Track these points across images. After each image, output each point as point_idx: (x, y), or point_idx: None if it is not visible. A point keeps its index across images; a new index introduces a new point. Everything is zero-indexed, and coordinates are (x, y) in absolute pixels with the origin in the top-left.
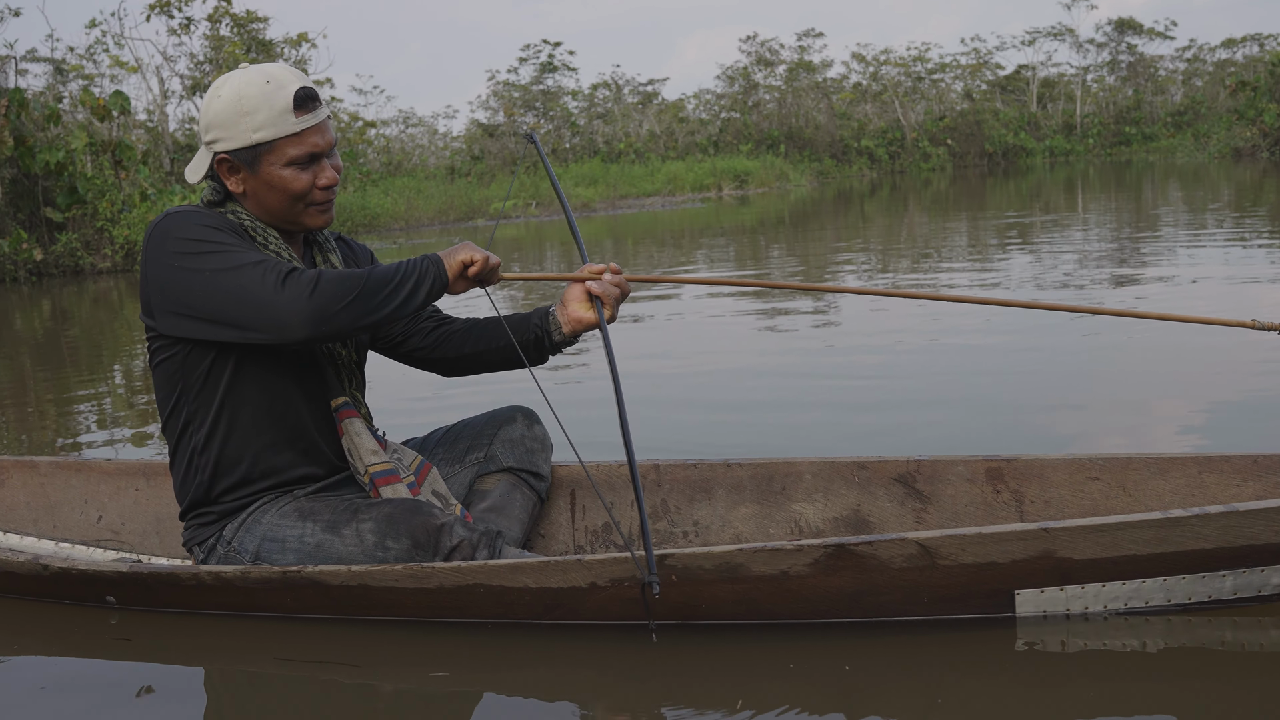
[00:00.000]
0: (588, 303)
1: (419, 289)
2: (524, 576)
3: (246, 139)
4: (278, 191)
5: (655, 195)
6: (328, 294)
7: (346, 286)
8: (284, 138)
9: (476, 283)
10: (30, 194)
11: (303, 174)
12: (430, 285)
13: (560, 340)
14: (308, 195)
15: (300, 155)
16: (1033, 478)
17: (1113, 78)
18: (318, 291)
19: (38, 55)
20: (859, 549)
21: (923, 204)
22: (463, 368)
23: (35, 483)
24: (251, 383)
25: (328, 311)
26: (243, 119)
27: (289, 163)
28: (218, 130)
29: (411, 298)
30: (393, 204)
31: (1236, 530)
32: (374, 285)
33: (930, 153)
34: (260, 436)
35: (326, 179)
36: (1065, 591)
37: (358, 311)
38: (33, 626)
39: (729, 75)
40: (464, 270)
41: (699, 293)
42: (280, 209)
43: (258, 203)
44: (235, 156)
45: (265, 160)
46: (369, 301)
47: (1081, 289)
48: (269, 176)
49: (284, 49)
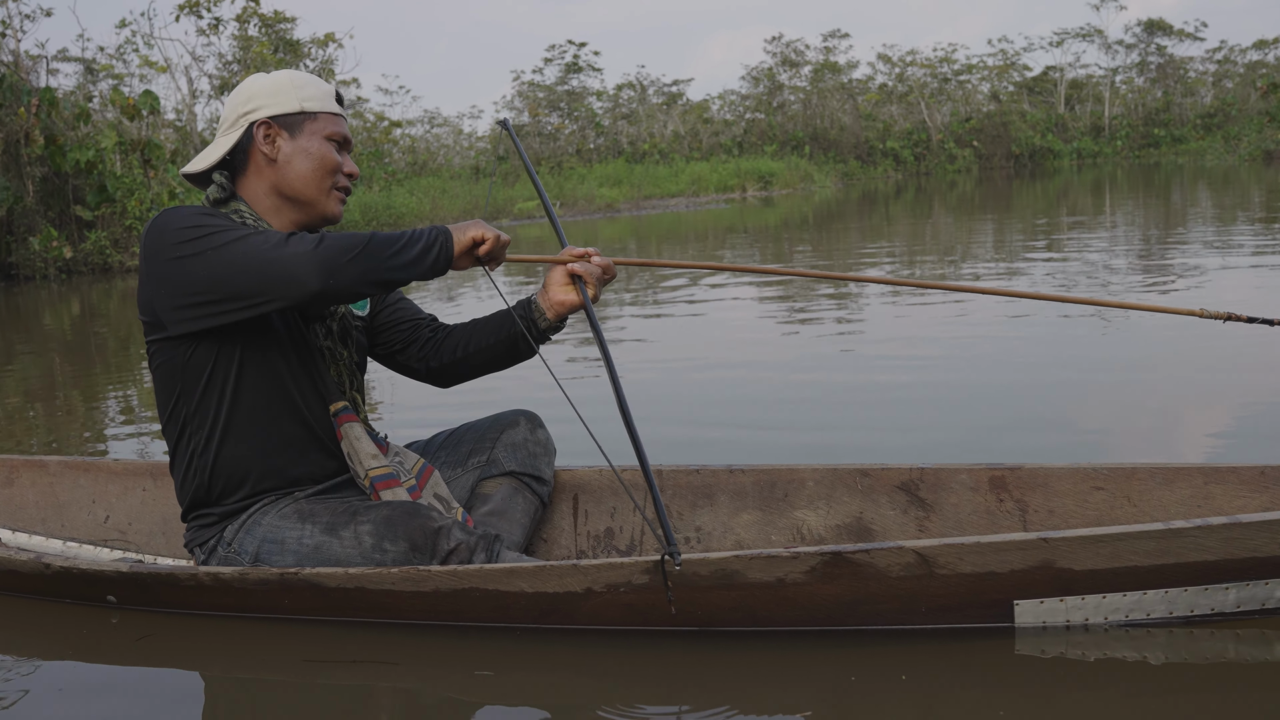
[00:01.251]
0: (569, 285)
1: (426, 255)
2: (520, 581)
3: (296, 105)
4: (314, 160)
5: (679, 196)
6: (334, 248)
7: (352, 241)
8: (328, 114)
9: (482, 261)
10: (60, 192)
11: (336, 153)
12: (437, 254)
13: (546, 326)
14: (336, 175)
15: (336, 134)
16: (1036, 487)
17: (1142, 79)
18: (324, 245)
19: (69, 55)
20: (856, 557)
21: (948, 206)
22: (459, 373)
23: (44, 482)
24: (252, 384)
25: (336, 263)
26: (294, 89)
27: (329, 136)
28: (263, 98)
29: (418, 262)
30: (418, 203)
31: (1240, 542)
32: (380, 244)
33: (956, 154)
34: (260, 438)
35: (351, 168)
36: (1065, 602)
37: (364, 266)
38: (37, 625)
39: (754, 76)
40: (473, 247)
41: (720, 296)
42: (309, 179)
43: (284, 172)
44: (279, 121)
45: (308, 127)
46: (375, 258)
47: (1106, 288)
48: (308, 144)
49: (311, 49)
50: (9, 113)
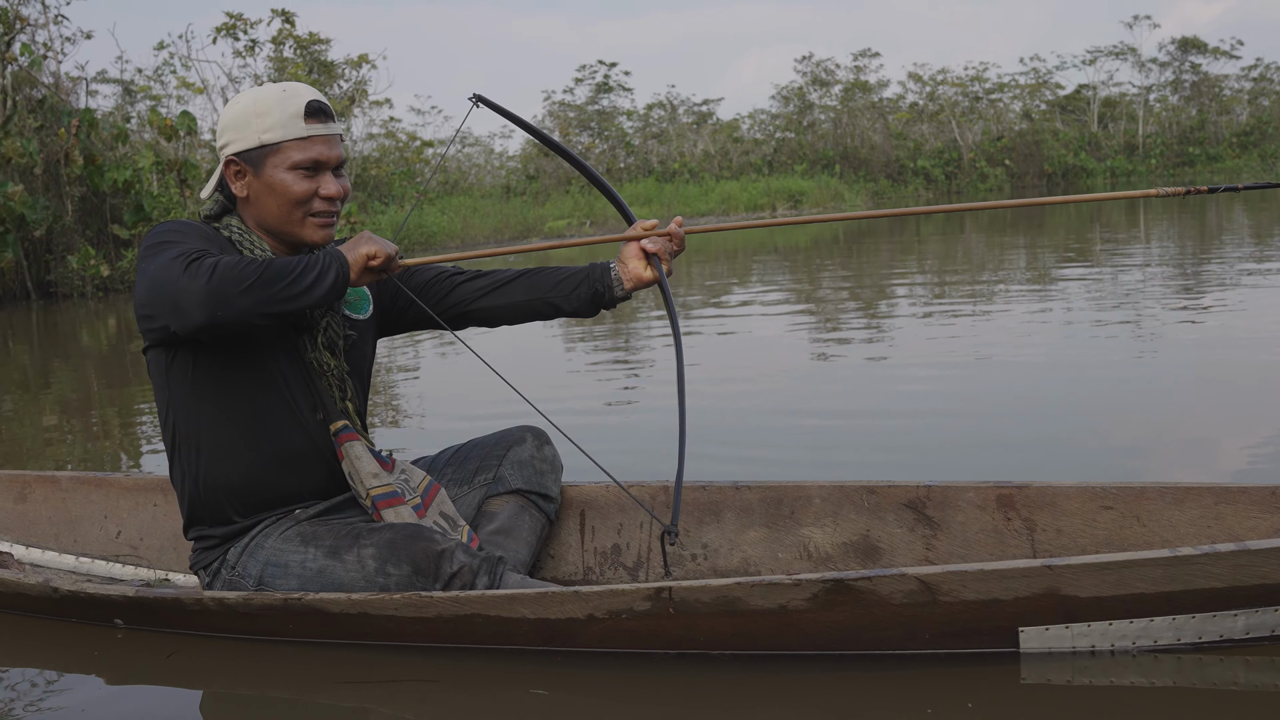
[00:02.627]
0: (645, 260)
1: (320, 281)
2: (521, 608)
3: (255, 139)
4: (278, 194)
5: (709, 215)
6: (226, 278)
7: (245, 272)
8: (290, 140)
9: (379, 273)
10: (98, 211)
11: (305, 180)
12: (333, 279)
13: (621, 296)
14: (308, 203)
15: (304, 160)
16: (1044, 506)
17: (1176, 97)
18: (216, 275)
19: (107, 76)
20: (858, 584)
21: (979, 224)
22: (508, 315)
23: (57, 498)
24: (243, 395)
25: (225, 294)
26: (255, 120)
27: (293, 166)
28: (230, 133)
29: (313, 289)
30: (449, 222)
31: (1249, 569)
32: (274, 273)
33: (987, 173)
34: (252, 452)
35: (331, 190)
36: (1071, 629)
37: (256, 298)
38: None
39: (784, 95)
40: (366, 262)
41: (751, 312)
42: (279, 215)
43: (258, 209)
44: (242, 158)
45: (269, 161)
46: (268, 289)
47: (1141, 308)
48: (271, 179)
49: (345, 70)
50: (50, 133)
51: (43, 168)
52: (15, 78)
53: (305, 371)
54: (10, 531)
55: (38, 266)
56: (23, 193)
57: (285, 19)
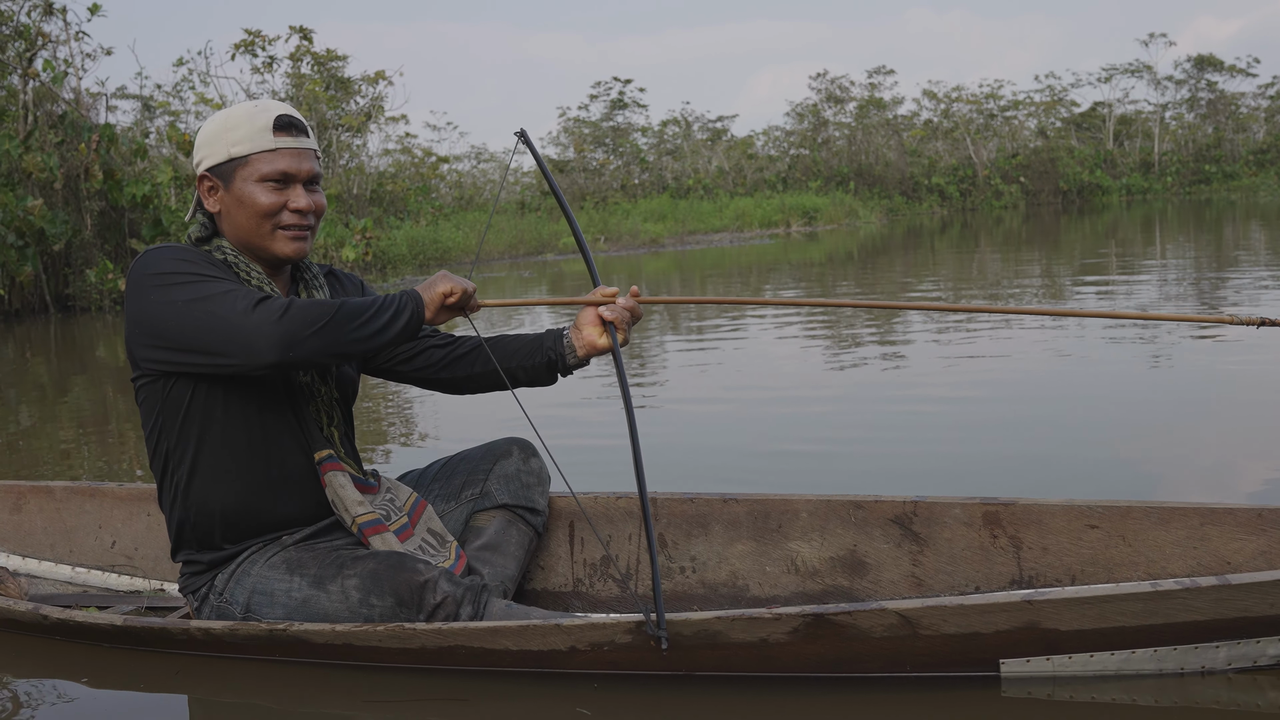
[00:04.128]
0: (601, 327)
1: (395, 322)
2: (504, 639)
3: (225, 153)
4: (246, 207)
5: (723, 231)
6: (297, 319)
7: (317, 313)
8: (258, 153)
9: (457, 311)
10: (117, 226)
11: (274, 193)
12: (408, 319)
13: (574, 363)
14: (277, 216)
15: (272, 173)
16: (1031, 523)
17: (1192, 115)
18: (287, 316)
19: (127, 92)
20: (838, 619)
21: (994, 241)
22: (469, 387)
23: (51, 508)
24: (232, 423)
25: (297, 336)
26: (225, 134)
27: (261, 178)
28: (203, 150)
29: (386, 329)
30: (464, 238)
31: (1230, 603)
32: (346, 315)
33: (1003, 190)
34: (242, 479)
35: (300, 203)
36: (1052, 661)
37: (328, 339)
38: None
39: (798, 112)
40: (444, 301)
41: (765, 329)
42: (249, 228)
43: (231, 224)
44: (214, 172)
45: (239, 174)
46: (340, 330)
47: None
48: (240, 192)
49: (361, 86)
50: (70, 148)
51: (62, 182)
52: (37, 93)
53: (295, 397)
54: (6, 542)
55: (56, 280)
56: (42, 207)
57: (303, 36)
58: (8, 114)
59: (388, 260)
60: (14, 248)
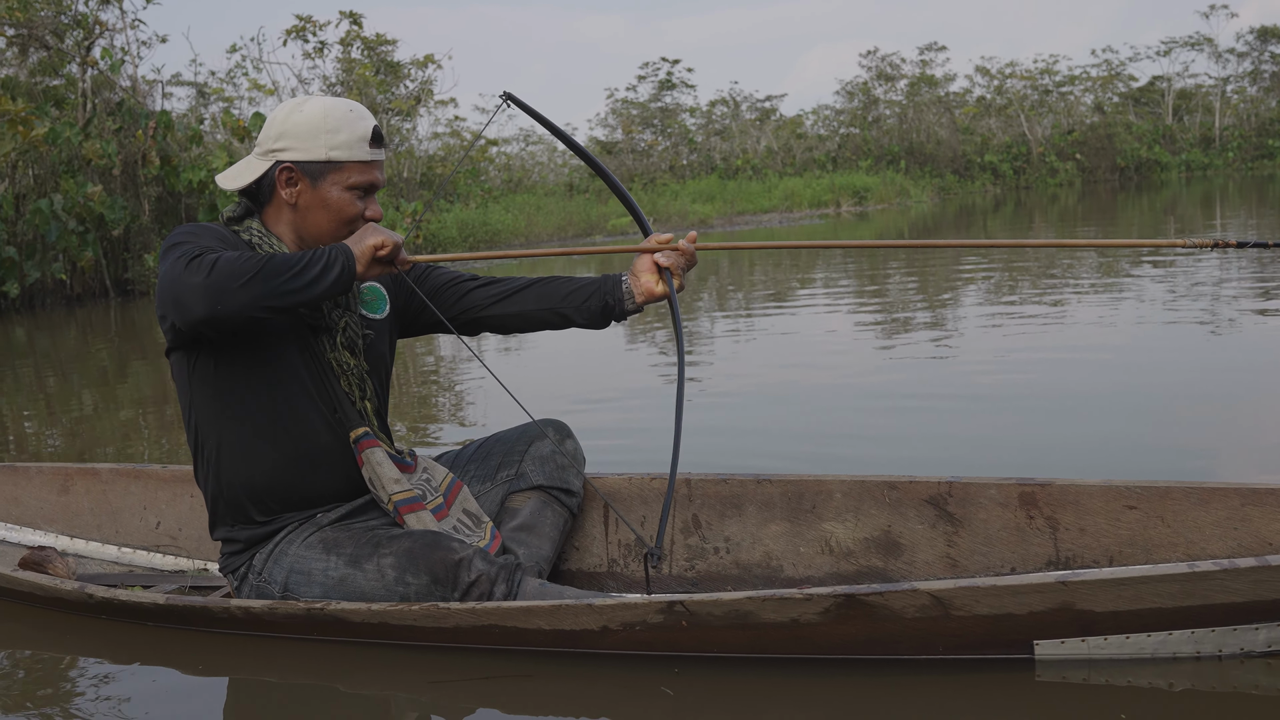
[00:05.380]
0: (657, 275)
1: (325, 275)
2: (538, 619)
3: (322, 153)
4: (331, 211)
5: (772, 211)
6: (224, 272)
7: (244, 267)
8: (355, 163)
9: (387, 265)
10: (174, 211)
11: (358, 202)
12: (339, 272)
13: (631, 309)
14: (355, 224)
15: (361, 182)
16: (1067, 504)
17: (1255, 88)
18: (216, 269)
19: (182, 79)
20: (870, 599)
21: (1049, 220)
22: (517, 324)
23: (98, 490)
24: (256, 399)
25: (224, 289)
26: (324, 135)
27: (350, 186)
28: (292, 140)
29: (317, 283)
30: (513, 220)
31: (1269, 585)
32: (275, 267)
33: (1058, 168)
34: (272, 455)
35: (374, 213)
36: (1087, 642)
37: (256, 292)
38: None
39: (848, 90)
40: (374, 254)
41: (817, 311)
42: (327, 230)
43: (303, 218)
44: (302, 168)
45: (330, 178)
46: (269, 283)
47: (1218, 306)
48: (327, 195)
49: (411, 70)
50: (127, 135)
51: (121, 169)
52: (95, 81)
53: (325, 372)
54: (55, 523)
55: (116, 265)
56: (101, 193)
57: (353, 21)
58: (67, 102)
59: (438, 243)
60: (75, 233)
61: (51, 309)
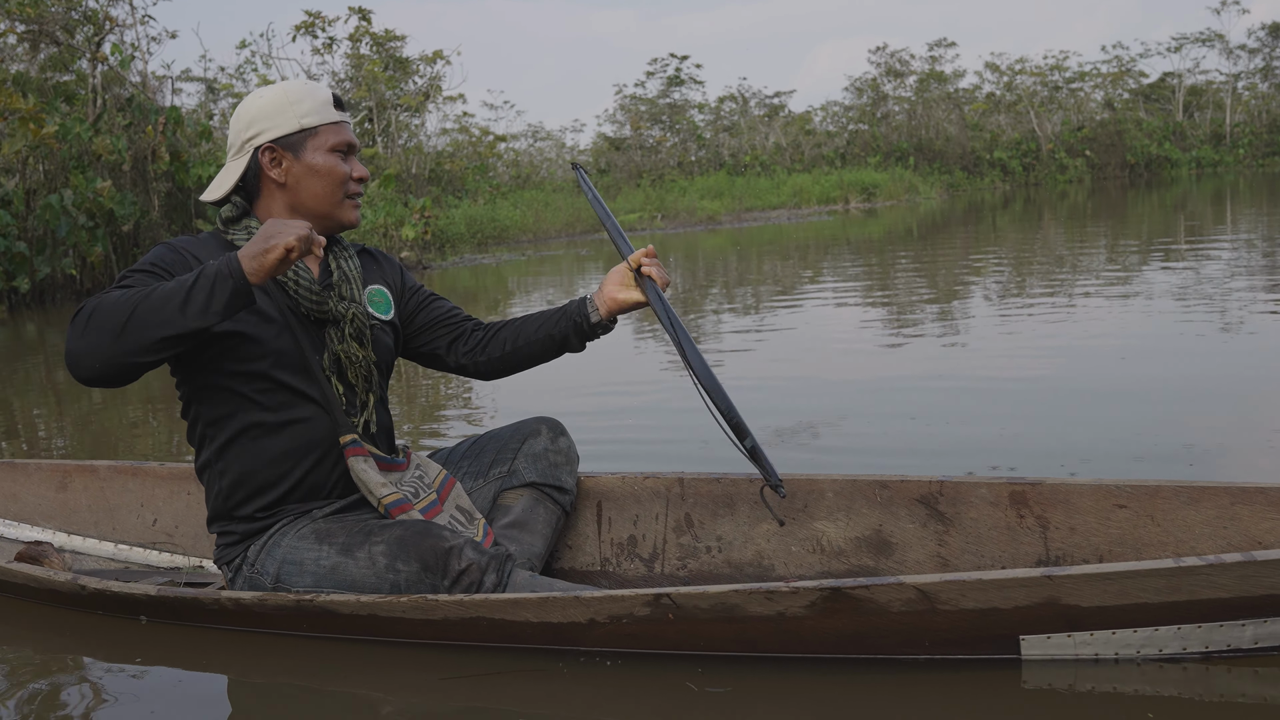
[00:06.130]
0: (629, 284)
1: (212, 302)
2: (525, 611)
3: (295, 124)
4: (321, 175)
5: (781, 208)
6: (97, 327)
7: (115, 316)
8: (328, 124)
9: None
10: (183, 207)
11: (343, 162)
12: (229, 297)
13: (597, 323)
14: (346, 185)
15: (340, 144)
16: (1058, 503)
17: (1266, 85)
18: (89, 327)
19: (191, 75)
20: (856, 592)
21: (1058, 217)
22: (506, 367)
23: (95, 486)
24: (258, 392)
25: (98, 347)
26: (290, 107)
27: (331, 148)
28: (262, 123)
29: (205, 311)
30: (521, 216)
31: (1255, 580)
32: (150, 307)
33: (1067, 164)
34: (272, 449)
35: (362, 171)
36: (1073, 638)
37: (135, 340)
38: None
39: (857, 87)
40: (278, 263)
41: (824, 304)
42: (324, 195)
43: (296, 194)
44: (280, 144)
45: (310, 145)
46: (146, 328)
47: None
48: (313, 161)
49: (420, 66)
50: (137, 131)
51: (130, 164)
52: (105, 77)
53: (327, 367)
54: (52, 520)
55: (126, 260)
56: (111, 188)
57: (362, 16)
58: (77, 98)
59: (446, 239)
60: (85, 229)
61: (62, 304)
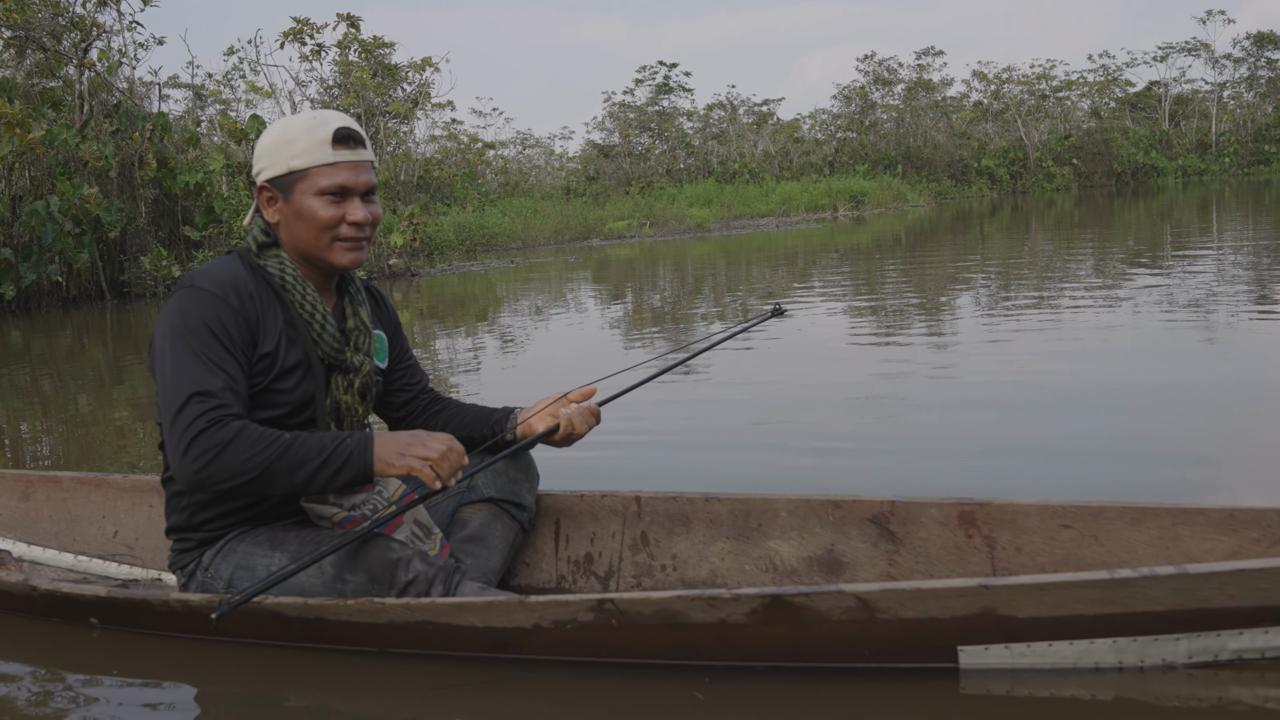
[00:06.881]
0: (552, 414)
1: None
2: (470, 616)
3: (285, 165)
4: (305, 221)
5: (769, 216)
6: (238, 466)
7: (256, 461)
8: (318, 166)
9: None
10: (170, 213)
11: (332, 206)
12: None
13: (510, 440)
14: (335, 229)
15: (330, 186)
16: (1005, 523)
17: (1251, 94)
18: (224, 454)
19: (179, 81)
20: (796, 600)
21: (1045, 225)
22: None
23: (58, 497)
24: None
25: (237, 480)
26: (284, 147)
27: (320, 192)
28: (263, 160)
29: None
30: (510, 224)
31: (1188, 593)
32: (287, 466)
33: (1054, 172)
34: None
35: (357, 216)
36: (1010, 649)
37: (267, 488)
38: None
39: (845, 95)
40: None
41: (816, 316)
42: (308, 240)
43: (289, 235)
44: (273, 184)
45: (298, 188)
46: (276, 483)
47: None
48: (299, 205)
49: (408, 73)
50: (124, 137)
51: (117, 171)
52: (92, 83)
53: (329, 413)
54: (14, 530)
55: (112, 267)
56: (98, 195)
57: (350, 23)
58: (64, 104)
59: (435, 246)
60: (71, 235)
61: (47, 311)
